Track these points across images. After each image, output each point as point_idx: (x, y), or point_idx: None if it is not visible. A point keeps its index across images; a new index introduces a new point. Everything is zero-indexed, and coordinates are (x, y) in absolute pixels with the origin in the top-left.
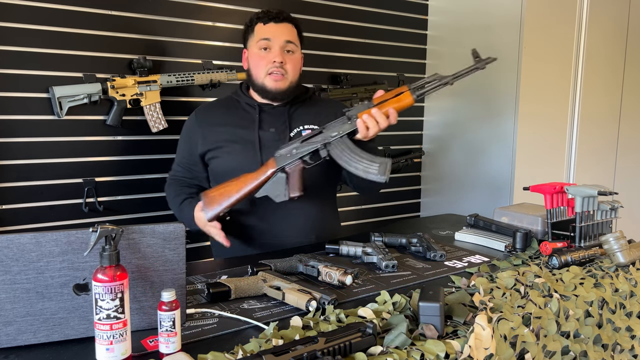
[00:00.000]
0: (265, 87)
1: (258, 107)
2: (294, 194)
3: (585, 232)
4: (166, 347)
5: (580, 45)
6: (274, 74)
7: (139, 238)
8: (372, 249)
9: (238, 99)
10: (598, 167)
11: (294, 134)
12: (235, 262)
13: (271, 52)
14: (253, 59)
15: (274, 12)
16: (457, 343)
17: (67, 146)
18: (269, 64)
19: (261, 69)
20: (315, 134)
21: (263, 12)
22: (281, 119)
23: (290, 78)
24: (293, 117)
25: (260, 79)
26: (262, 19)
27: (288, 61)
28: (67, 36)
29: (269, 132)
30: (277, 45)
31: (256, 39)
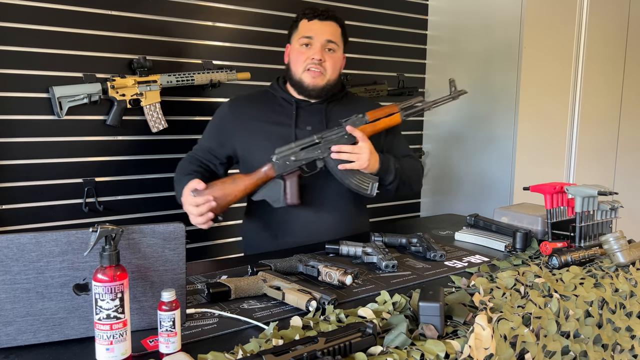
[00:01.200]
0: (302, 83)
1: (295, 103)
2: (293, 202)
3: (585, 232)
4: (166, 347)
5: (580, 45)
6: (311, 70)
7: (139, 238)
8: (372, 249)
9: (275, 93)
10: (598, 167)
11: None
12: (235, 262)
13: (312, 48)
14: (294, 54)
15: (320, 9)
16: (457, 343)
17: (67, 146)
18: (307, 60)
19: (300, 64)
20: (313, 143)
21: (310, 8)
22: (318, 117)
23: (328, 76)
24: (330, 115)
25: (298, 74)
26: (307, 15)
27: (327, 59)
28: (67, 36)
29: (305, 130)
30: (318, 42)
31: (299, 34)
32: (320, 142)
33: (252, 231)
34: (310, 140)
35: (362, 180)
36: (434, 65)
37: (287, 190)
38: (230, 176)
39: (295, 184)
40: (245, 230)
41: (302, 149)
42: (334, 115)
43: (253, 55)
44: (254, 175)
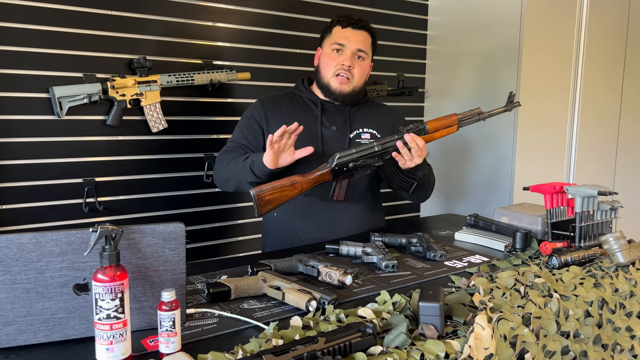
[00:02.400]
0: (330, 87)
1: (320, 103)
2: (340, 199)
3: (585, 232)
4: (166, 347)
5: (580, 44)
6: (340, 77)
7: (139, 238)
8: (372, 249)
9: (300, 94)
10: (598, 167)
11: (353, 135)
12: (235, 262)
13: (342, 55)
14: (325, 58)
15: (354, 18)
16: (457, 343)
17: (67, 146)
18: (338, 65)
19: (330, 69)
20: (374, 152)
21: (345, 16)
22: (341, 119)
23: (355, 82)
24: (353, 118)
25: (327, 79)
26: (342, 22)
27: (356, 66)
28: (67, 36)
29: (330, 129)
30: (349, 50)
31: (332, 40)
32: (380, 151)
33: (273, 227)
34: (372, 150)
35: (404, 180)
36: (434, 65)
37: (337, 190)
38: (288, 178)
39: (345, 185)
40: (265, 227)
41: (361, 157)
42: (357, 118)
43: (253, 55)
44: (311, 177)
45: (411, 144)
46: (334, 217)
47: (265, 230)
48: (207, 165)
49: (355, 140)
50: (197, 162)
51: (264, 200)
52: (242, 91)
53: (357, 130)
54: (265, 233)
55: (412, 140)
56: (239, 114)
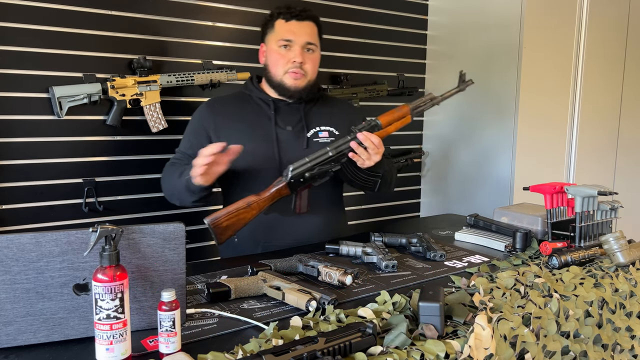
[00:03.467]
0: (284, 85)
1: (273, 102)
2: (303, 211)
3: (585, 232)
4: (166, 347)
5: (580, 45)
6: (292, 73)
7: (139, 238)
8: (372, 249)
9: (250, 93)
10: (598, 167)
11: (310, 134)
12: (235, 262)
13: (291, 50)
14: (272, 55)
15: (297, 9)
16: (457, 343)
17: (67, 146)
18: (288, 63)
19: (280, 67)
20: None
21: (286, 7)
22: (297, 117)
23: (308, 77)
24: (309, 116)
25: (279, 77)
26: (285, 15)
27: (307, 61)
28: (67, 36)
29: (285, 130)
30: (298, 45)
31: (276, 36)
32: (334, 156)
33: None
34: (325, 154)
35: (368, 178)
36: (434, 65)
37: (298, 202)
38: (243, 200)
39: (306, 195)
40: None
41: (315, 165)
42: (313, 116)
43: (253, 55)
44: (267, 195)
45: (366, 143)
46: (297, 226)
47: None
48: None
49: (313, 139)
50: None
51: (221, 228)
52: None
53: (315, 129)
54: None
55: (366, 138)
56: None
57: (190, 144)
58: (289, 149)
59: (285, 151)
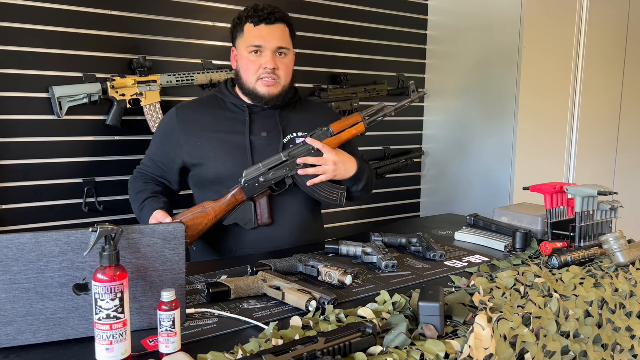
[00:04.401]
0: (257, 93)
1: (247, 108)
2: (265, 222)
3: (585, 232)
4: (166, 347)
5: (580, 45)
6: (265, 80)
7: (139, 238)
8: (372, 249)
9: (224, 98)
10: (598, 167)
11: (287, 140)
12: (235, 262)
13: (262, 56)
14: (243, 61)
15: (265, 12)
16: (457, 343)
17: (67, 146)
18: (260, 69)
19: (251, 74)
20: (281, 162)
21: (253, 10)
22: (272, 123)
23: (282, 82)
24: (285, 122)
25: (252, 84)
26: (253, 19)
27: (280, 66)
28: (67, 36)
29: (260, 136)
30: (269, 50)
31: (246, 42)
32: (287, 159)
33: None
34: (278, 159)
35: (330, 192)
36: (434, 65)
37: (259, 211)
38: (199, 205)
39: (266, 204)
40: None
41: (270, 169)
42: (290, 122)
43: None
44: (223, 201)
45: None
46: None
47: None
48: None
49: (289, 145)
50: None
51: None
52: None
53: (291, 135)
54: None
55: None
56: None
57: (160, 151)
58: (264, 156)
59: (260, 158)
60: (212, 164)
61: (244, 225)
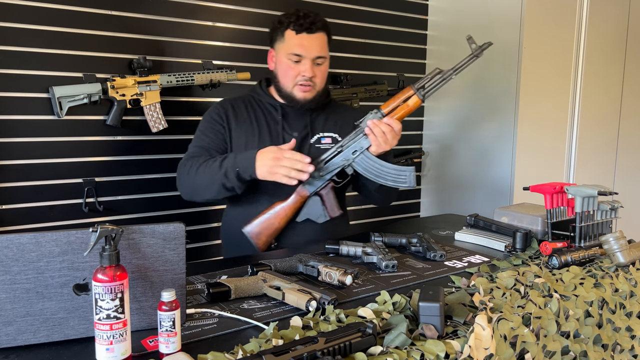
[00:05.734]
0: (293, 97)
1: (280, 108)
2: (334, 214)
3: (585, 232)
4: (166, 347)
5: (580, 45)
6: (302, 86)
7: (139, 238)
8: (372, 249)
9: (260, 98)
10: (598, 167)
11: (313, 140)
12: (235, 262)
13: (301, 64)
14: (281, 66)
15: (307, 20)
16: (457, 343)
17: (67, 146)
18: (298, 75)
19: (290, 79)
20: (335, 153)
21: (296, 17)
22: (303, 124)
23: (317, 88)
24: (314, 122)
25: (289, 88)
26: (295, 27)
27: (317, 73)
28: (67, 36)
29: (291, 135)
30: (308, 59)
31: (286, 48)
32: (341, 150)
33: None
34: (333, 151)
35: (398, 173)
36: (434, 65)
37: (327, 204)
38: (268, 207)
39: (331, 197)
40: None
41: (326, 163)
42: (318, 123)
43: (253, 55)
44: (290, 200)
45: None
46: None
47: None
48: None
49: (315, 145)
50: None
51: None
52: (241, 91)
53: (318, 135)
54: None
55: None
56: None
57: (211, 140)
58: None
59: None
60: None
61: (316, 219)
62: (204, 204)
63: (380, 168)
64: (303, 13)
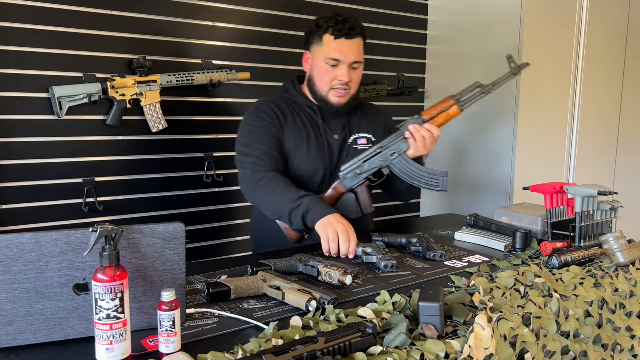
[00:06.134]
0: (328, 101)
1: (319, 110)
2: (367, 211)
3: (585, 232)
4: (166, 347)
5: (580, 45)
6: (338, 90)
7: (139, 238)
8: (372, 249)
9: (297, 100)
10: (598, 167)
11: (351, 140)
12: (235, 262)
13: (338, 69)
14: (318, 70)
15: (347, 26)
16: (457, 343)
17: (67, 146)
18: (334, 80)
19: (326, 83)
20: (375, 153)
21: (335, 22)
22: (341, 125)
23: (352, 92)
24: (350, 124)
25: (324, 92)
26: (334, 32)
27: (353, 78)
28: (67, 36)
29: (333, 138)
30: (345, 64)
31: (325, 52)
32: (381, 151)
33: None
34: (373, 151)
35: (432, 177)
36: (434, 65)
37: (361, 201)
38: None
39: (366, 194)
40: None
41: (365, 162)
42: (354, 124)
43: (253, 55)
44: (326, 195)
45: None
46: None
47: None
48: (207, 165)
49: (353, 146)
50: (197, 162)
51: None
52: (242, 91)
53: (354, 136)
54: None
55: (416, 131)
56: (239, 114)
57: (269, 146)
58: (336, 156)
59: (333, 158)
60: (295, 161)
61: (349, 215)
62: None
63: (415, 171)
64: (342, 18)
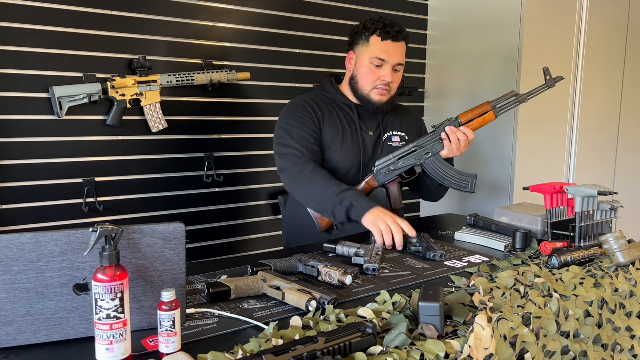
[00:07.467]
0: (370, 100)
1: (355, 108)
2: (397, 206)
3: (585, 232)
4: (166, 347)
5: (580, 45)
6: (380, 90)
7: (139, 238)
8: (365, 250)
9: (334, 98)
10: (598, 167)
11: (385, 138)
12: (235, 262)
13: (382, 69)
14: (362, 69)
15: (394, 29)
16: (457, 343)
17: (67, 146)
18: (377, 80)
19: (369, 83)
20: (410, 151)
21: (383, 24)
22: (375, 123)
23: (392, 92)
24: (385, 122)
25: (366, 91)
26: (381, 33)
27: (395, 79)
28: (67, 36)
29: (368, 135)
30: (389, 65)
31: (370, 53)
32: (416, 149)
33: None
34: (408, 149)
35: (461, 179)
36: (434, 65)
37: (391, 197)
38: None
39: (397, 191)
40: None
41: (399, 159)
42: (388, 122)
43: (253, 55)
44: (358, 188)
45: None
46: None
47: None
48: (207, 165)
49: (387, 143)
50: (197, 162)
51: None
52: (242, 91)
53: (388, 134)
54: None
55: (452, 133)
56: (239, 114)
57: (308, 141)
58: (369, 152)
59: (368, 155)
60: (335, 151)
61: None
62: (202, 205)
63: (446, 171)
64: (390, 21)
